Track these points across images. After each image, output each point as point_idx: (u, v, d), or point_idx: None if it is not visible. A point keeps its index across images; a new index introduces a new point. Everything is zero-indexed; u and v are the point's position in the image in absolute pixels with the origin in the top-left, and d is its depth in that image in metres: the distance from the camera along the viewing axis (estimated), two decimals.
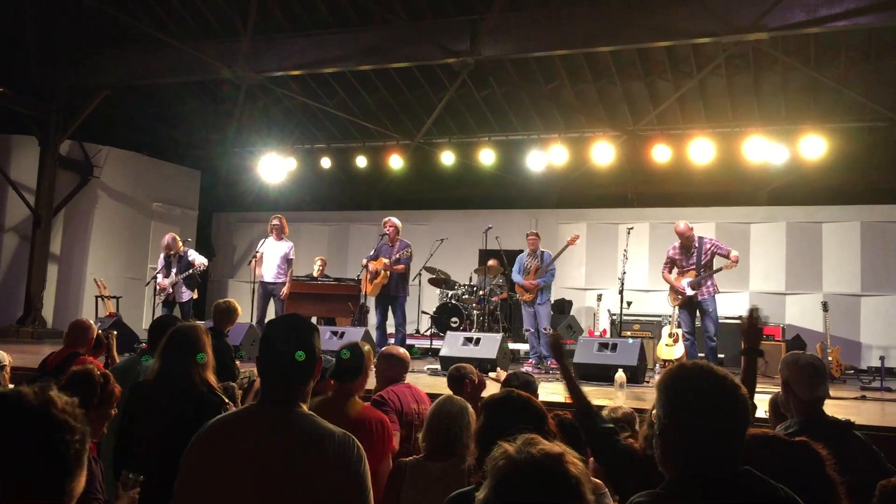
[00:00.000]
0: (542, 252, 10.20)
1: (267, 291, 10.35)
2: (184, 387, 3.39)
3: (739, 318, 3.72)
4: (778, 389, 3.65)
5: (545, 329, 9.85)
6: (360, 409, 3.72)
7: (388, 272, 9.85)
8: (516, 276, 10.19)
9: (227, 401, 3.52)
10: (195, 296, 10.53)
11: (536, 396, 4.29)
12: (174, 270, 10.32)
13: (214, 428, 2.31)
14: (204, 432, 2.30)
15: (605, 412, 3.75)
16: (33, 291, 13.00)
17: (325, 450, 2.21)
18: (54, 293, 13.70)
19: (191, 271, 10.29)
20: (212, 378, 3.54)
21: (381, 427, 3.65)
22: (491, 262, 12.09)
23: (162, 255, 10.56)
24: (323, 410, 2.65)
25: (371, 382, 4.47)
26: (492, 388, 4.09)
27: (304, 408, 2.34)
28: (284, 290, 10.26)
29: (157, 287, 10.43)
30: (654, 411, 1.97)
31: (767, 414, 4.00)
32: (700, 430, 1.82)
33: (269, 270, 10.31)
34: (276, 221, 10.48)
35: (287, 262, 10.37)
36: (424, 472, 3.25)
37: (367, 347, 4.01)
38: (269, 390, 2.37)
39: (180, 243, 10.49)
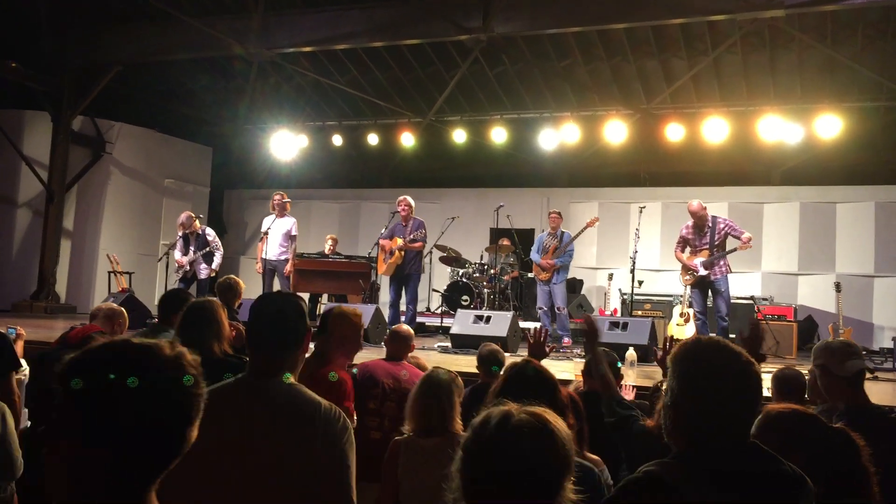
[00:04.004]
0: (563, 232, 10.14)
1: (270, 268, 10.38)
2: (203, 359, 3.41)
3: (741, 333, 3.70)
4: (782, 366, 3.63)
5: (559, 308, 9.83)
6: (324, 370, 3.69)
7: (403, 252, 9.85)
8: (534, 255, 10.15)
9: (245, 359, 3.54)
10: (214, 272, 10.50)
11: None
12: (192, 248, 10.34)
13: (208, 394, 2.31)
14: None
15: None
16: (46, 267, 13.08)
17: (306, 420, 2.21)
18: (67, 269, 13.79)
19: (208, 249, 10.31)
20: (229, 350, 3.58)
21: (339, 386, 3.63)
22: (502, 241, 12.08)
23: (179, 234, 10.57)
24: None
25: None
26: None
27: (291, 378, 2.33)
28: (288, 266, 10.27)
29: (176, 265, 10.44)
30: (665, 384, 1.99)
31: (770, 391, 4.00)
32: (712, 404, 1.85)
33: (272, 247, 10.33)
34: (277, 198, 10.49)
35: (290, 238, 10.38)
36: (418, 449, 3.24)
37: (339, 309, 3.90)
38: (255, 361, 2.37)
39: (196, 222, 10.50)
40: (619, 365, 4.50)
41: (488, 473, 1.57)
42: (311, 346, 3.76)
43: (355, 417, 3.84)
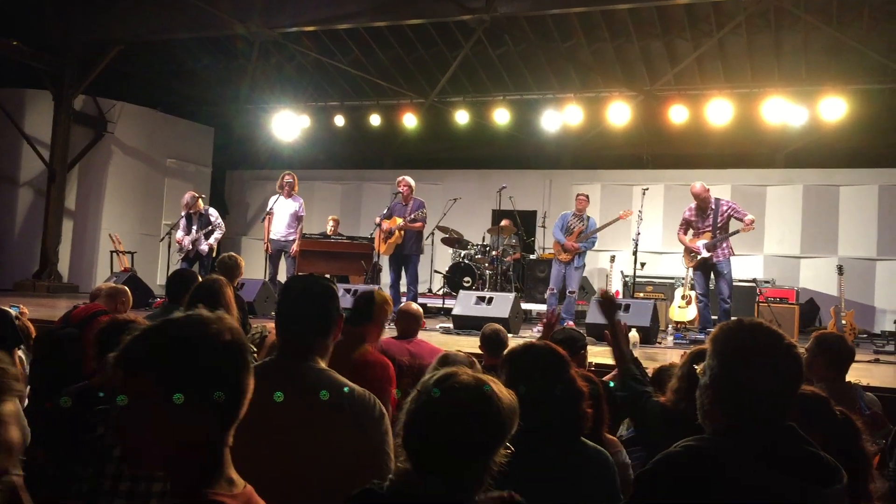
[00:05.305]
0: (589, 217, 10.05)
1: (278, 248, 10.39)
2: None
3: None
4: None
5: (571, 292, 9.78)
6: (364, 352, 3.67)
7: (403, 232, 9.83)
8: (558, 234, 9.93)
9: (254, 349, 3.54)
10: (211, 247, 10.45)
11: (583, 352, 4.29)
12: (194, 228, 10.33)
13: None
14: None
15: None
16: (48, 246, 13.09)
17: (339, 405, 2.20)
18: (69, 248, 13.80)
19: (210, 228, 10.31)
20: None
21: (383, 370, 3.63)
22: (504, 223, 12.06)
23: (183, 213, 10.56)
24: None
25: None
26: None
27: (321, 363, 2.33)
28: (294, 247, 10.29)
29: (179, 245, 10.42)
30: (699, 365, 2.01)
31: None
32: (753, 384, 1.85)
33: (279, 228, 10.33)
34: (287, 178, 10.46)
35: (297, 219, 10.38)
36: None
37: (380, 297, 3.94)
38: (286, 344, 2.37)
39: (200, 202, 10.48)
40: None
41: (422, 428, 1.67)
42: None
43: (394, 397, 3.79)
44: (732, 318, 2.09)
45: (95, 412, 2.61)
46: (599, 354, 6.44)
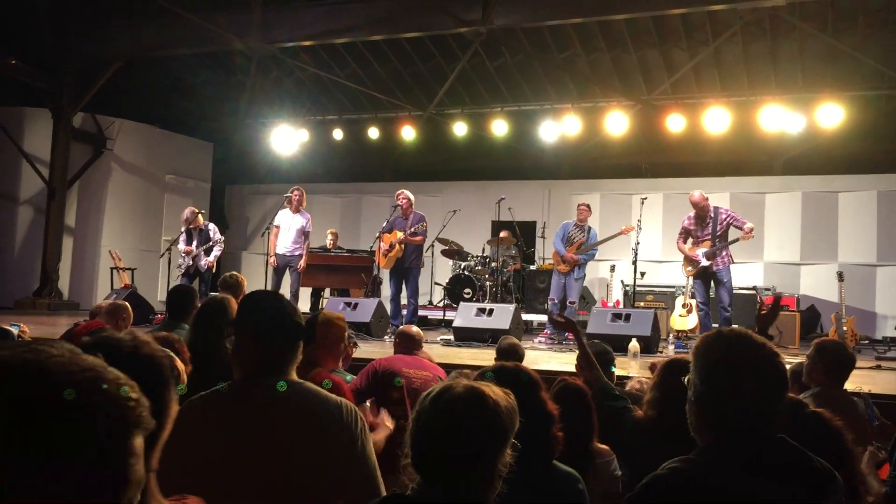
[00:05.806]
0: (590, 227, 10.02)
1: (283, 263, 10.35)
2: (213, 358, 3.39)
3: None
4: (798, 360, 3.63)
5: (571, 302, 9.76)
6: (315, 374, 3.62)
7: (403, 245, 9.82)
8: (558, 244, 9.88)
9: None
10: (211, 264, 10.46)
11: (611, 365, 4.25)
12: (195, 243, 10.34)
13: (205, 400, 2.24)
14: (191, 405, 2.20)
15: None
16: (49, 264, 13.10)
17: (320, 417, 2.19)
18: (70, 265, 13.81)
19: (209, 244, 10.31)
20: None
21: (337, 389, 3.61)
22: (503, 234, 12.07)
23: (183, 229, 10.56)
24: None
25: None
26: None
27: (294, 376, 2.28)
28: (301, 262, 10.24)
29: (182, 254, 10.37)
30: (687, 377, 1.98)
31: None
32: (737, 397, 1.83)
33: (284, 243, 10.30)
34: (294, 194, 10.42)
35: (304, 234, 10.35)
36: None
37: (323, 317, 3.85)
38: (257, 360, 2.27)
39: (200, 217, 10.48)
40: (613, 369, 4.46)
41: (421, 446, 1.70)
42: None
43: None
44: (713, 330, 2.07)
45: None
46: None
